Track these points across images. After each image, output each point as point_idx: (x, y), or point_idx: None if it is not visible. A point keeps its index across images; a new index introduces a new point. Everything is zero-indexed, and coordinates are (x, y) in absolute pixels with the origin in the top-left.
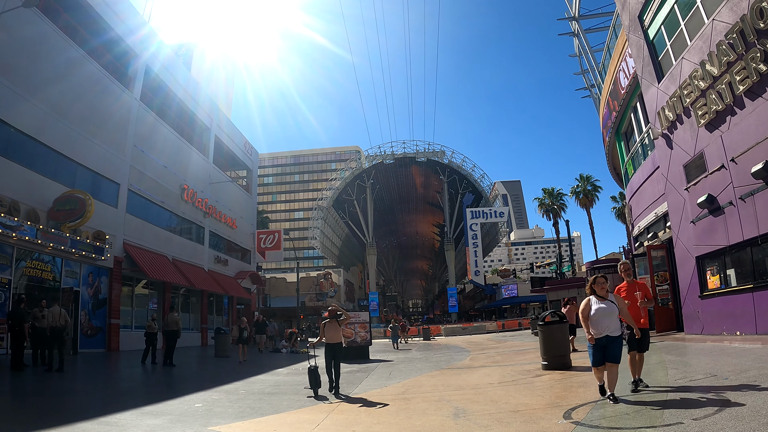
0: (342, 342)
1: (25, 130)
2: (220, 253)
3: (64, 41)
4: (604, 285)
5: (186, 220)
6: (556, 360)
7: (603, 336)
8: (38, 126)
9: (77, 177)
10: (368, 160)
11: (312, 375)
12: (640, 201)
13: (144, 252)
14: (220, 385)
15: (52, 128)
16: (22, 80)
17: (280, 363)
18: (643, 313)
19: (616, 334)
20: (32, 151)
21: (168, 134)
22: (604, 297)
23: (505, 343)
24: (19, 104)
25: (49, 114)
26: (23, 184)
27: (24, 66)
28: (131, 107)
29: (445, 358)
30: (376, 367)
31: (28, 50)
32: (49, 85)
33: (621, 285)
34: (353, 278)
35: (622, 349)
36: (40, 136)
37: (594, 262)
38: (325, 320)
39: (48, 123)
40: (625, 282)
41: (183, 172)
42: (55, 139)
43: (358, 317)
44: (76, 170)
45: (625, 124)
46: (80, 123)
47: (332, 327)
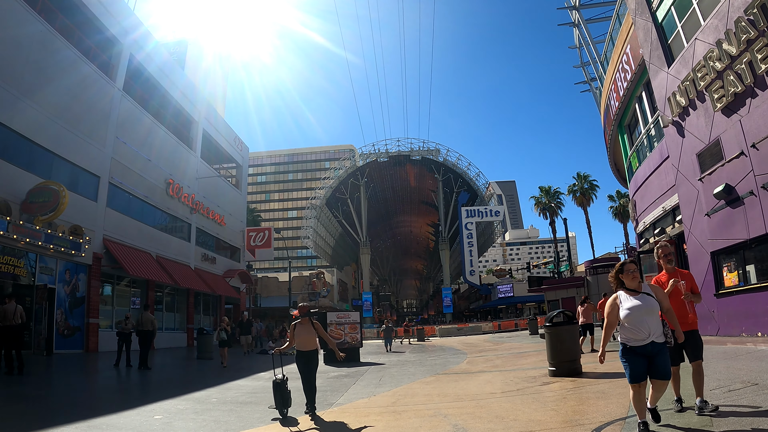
0: (318, 349)
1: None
2: (207, 251)
3: (41, 25)
4: (636, 274)
5: (171, 216)
6: (564, 365)
7: (648, 343)
8: (11, 114)
9: (54, 168)
10: (362, 158)
11: (278, 390)
12: (646, 195)
13: (125, 248)
14: (191, 392)
15: (26, 117)
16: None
17: (265, 366)
18: (690, 309)
19: (662, 339)
20: (4, 140)
21: (153, 126)
22: (637, 289)
23: (502, 344)
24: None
25: (23, 102)
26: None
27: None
28: (113, 97)
29: (440, 362)
30: (366, 372)
31: (1, 34)
32: (24, 71)
33: (660, 275)
34: (347, 278)
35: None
36: (13, 124)
37: (593, 261)
38: (295, 321)
39: (22, 111)
40: (664, 272)
41: (168, 166)
42: (30, 128)
43: (348, 317)
44: (53, 161)
45: (628, 116)
46: (57, 112)
47: (305, 330)
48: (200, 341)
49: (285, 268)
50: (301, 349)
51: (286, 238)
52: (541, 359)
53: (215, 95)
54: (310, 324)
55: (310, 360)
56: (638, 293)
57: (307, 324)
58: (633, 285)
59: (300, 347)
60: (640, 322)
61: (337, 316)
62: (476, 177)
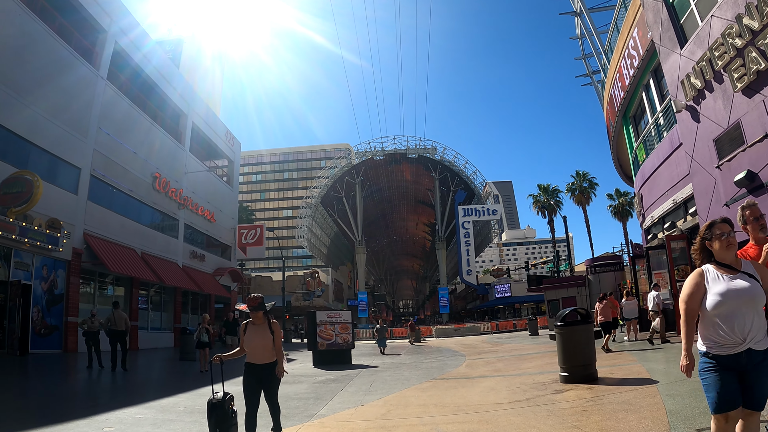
0: (278, 360)
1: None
2: (196, 248)
3: (19, 8)
4: (733, 240)
5: (158, 211)
6: (578, 370)
7: (744, 350)
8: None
9: (30, 159)
10: (358, 156)
11: (214, 414)
12: (654, 188)
13: (108, 244)
14: (160, 398)
15: (1, 104)
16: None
17: None
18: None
19: (764, 346)
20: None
21: (139, 118)
22: (735, 266)
23: (502, 345)
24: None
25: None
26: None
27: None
28: (96, 86)
29: (437, 365)
30: (357, 375)
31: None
32: (0, 56)
33: (746, 247)
34: (342, 277)
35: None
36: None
37: (594, 259)
38: (247, 321)
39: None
40: (752, 243)
41: (155, 159)
42: (4, 115)
43: (339, 317)
44: (30, 151)
45: (634, 107)
46: (34, 99)
47: (258, 333)
48: (183, 342)
49: (280, 267)
50: (252, 361)
51: (281, 237)
52: (547, 362)
53: (212, 93)
54: (267, 325)
55: (265, 378)
56: (736, 272)
57: (263, 325)
58: (729, 258)
59: (251, 358)
60: (736, 316)
61: (327, 315)
62: (473, 175)
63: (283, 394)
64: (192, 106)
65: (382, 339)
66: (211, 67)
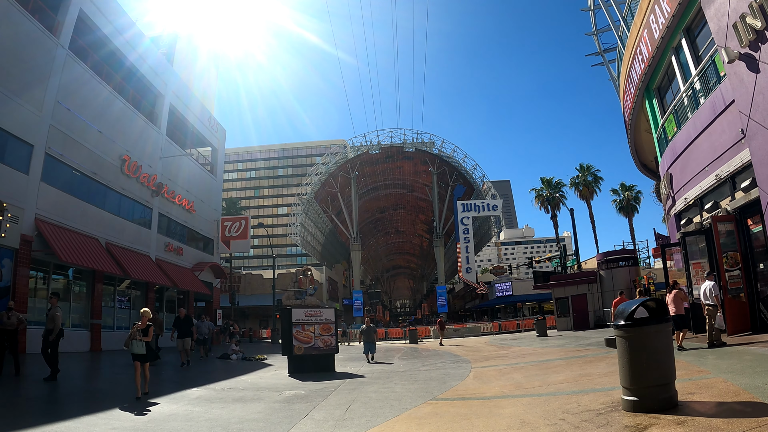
0: None
1: None
2: (172, 240)
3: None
4: None
5: (127, 198)
6: (653, 392)
7: None
8: None
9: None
10: (353, 150)
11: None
12: (689, 165)
13: (64, 231)
14: (61, 420)
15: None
16: None
17: (209, 377)
18: None
19: None
20: None
21: (106, 95)
22: None
23: (510, 349)
24: None
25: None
26: None
27: None
28: (56, 56)
29: (436, 375)
30: (335, 390)
31: None
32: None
33: None
34: (337, 276)
35: None
36: None
37: (606, 253)
38: None
39: None
40: None
41: (125, 140)
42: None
43: (320, 315)
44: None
45: (659, 76)
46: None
47: None
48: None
49: (272, 265)
50: None
51: (275, 235)
52: (580, 374)
53: (207, 90)
54: None
55: None
56: None
57: None
58: None
59: None
60: None
61: (305, 313)
62: (472, 170)
63: (224, 419)
64: (170, 86)
65: (369, 343)
66: (205, 64)
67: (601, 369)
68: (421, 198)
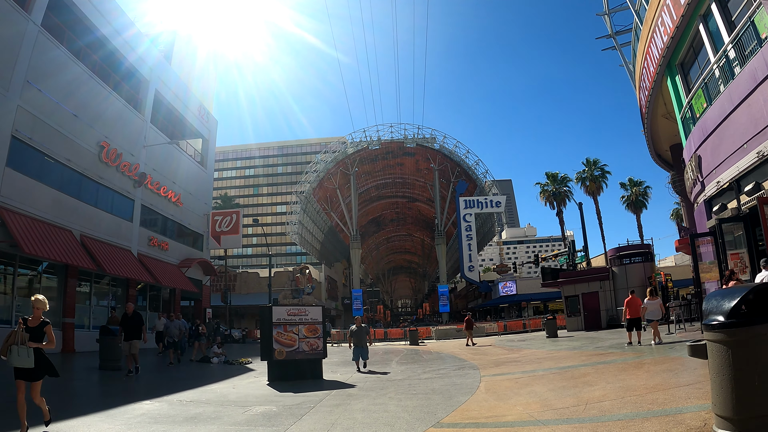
0: None
1: None
2: (156, 234)
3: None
4: None
5: (106, 187)
6: (759, 423)
7: None
8: None
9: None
10: (353, 146)
11: None
12: (722, 144)
13: (32, 222)
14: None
15: None
16: None
17: (173, 385)
18: None
19: None
20: None
21: (84, 77)
22: None
23: (521, 351)
24: None
25: None
26: None
27: None
28: (26, 32)
29: (440, 386)
30: (314, 407)
31: None
32: None
33: None
34: (337, 275)
35: None
36: None
37: (619, 249)
38: None
39: None
40: None
41: (103, 126)
42: None
43: (305, 315)
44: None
45: (683, 50)
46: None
47: None
48: (103, 344)
49: (272, 264)
50: None
51: (274, 234)
52: (622, 388)
53: (205, 88)
54: None
55: None
56: None
57: None
58: None
59: None
60: None
61: (289, 312)
62: (475, 165)
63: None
64: (156, 72)
65: (360, 348)
66: (204, 62)
67: (644, 380)
68: (422, 195)
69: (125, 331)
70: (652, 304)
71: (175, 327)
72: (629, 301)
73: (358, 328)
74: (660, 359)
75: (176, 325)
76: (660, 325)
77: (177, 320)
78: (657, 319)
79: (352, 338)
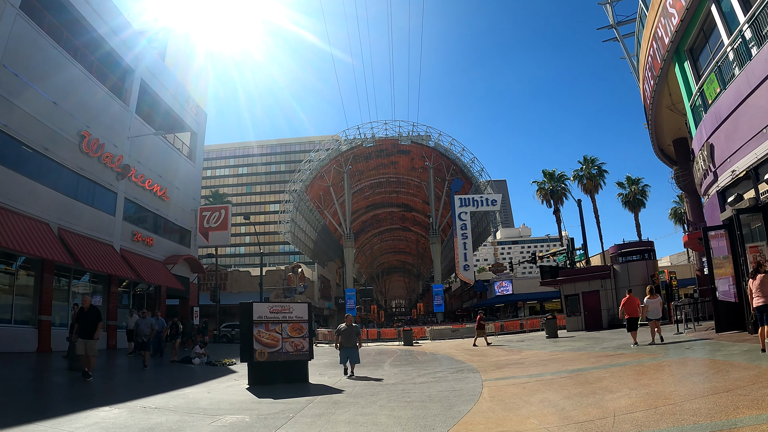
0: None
1: None
2: (140, 229)
3: None
4: None
5: (86, 179)
6: None
7: None
8: None
9: None
10: (347, 143)
11: None
12: (739, 128)
13: (5, 212)
14: None
15: None
16: None
17: (142, 388)
18: None
19: None
20: None
21: (64, 63)
22: None
23: (522, 353)
24: None
25: None
26: None
27: None
28: (3, 14)
29: (438, 390)
30: (293, 418)
31: None
32: None
33: None
34: (330, 274)
35: None
36: None
37: (620, 246)
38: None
39: None
40: None
41: (85, 115)
42: None
43: (289, 312)
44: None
45: (693, 34)
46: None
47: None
48: (71, 344)
49: (263, 263)
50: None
51: (267, 233)
52: (651, 394)
53: (199, 85)
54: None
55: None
56: None
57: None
58: None
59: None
60: None
61: (270, 309)
62: (470, 163)
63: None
64: (143, 61)
65: (349, 349)
66: (198, 58)
67: (672, 385)
68: (416, 194)
69: (79, 327)
70: (652, 303)
71: (145, 325)
72: (627, 301)
73: (347, 326)
74: (679, 361)
75: (147, 323)
76: (665, 324)
77: (149, 317)
78: (657, 318)
79: (339, 338)
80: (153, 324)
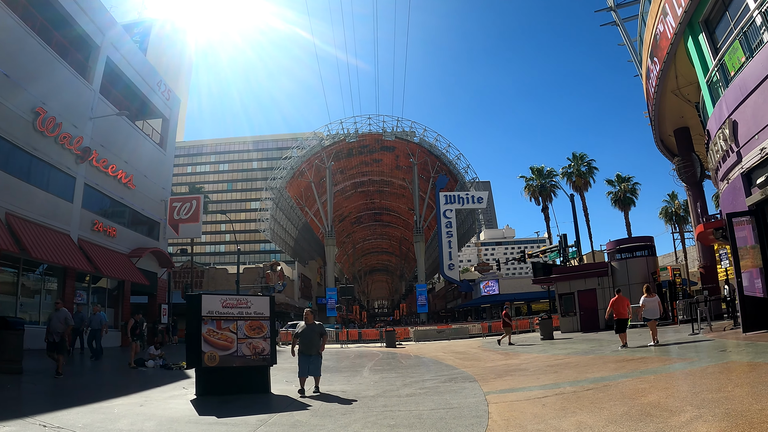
0: None
1: None
2: (101, 218)
3: None
4: None
5: (40, 160)
6: None
7: None
8: None
9: None
10: (329, 138)
11: None
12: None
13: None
14: None
15: None
16: None
17: (57, 400)
18: None
19: None
20: None
21: (18, 32)
22: None
23: (520, 356)
24: None
25: None
26: None
27: None
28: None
29: (429, 409)
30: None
31: None
32: None
33: None
34: (311, 274)
35: None
36: None
37: (619, 242)
38: None
39: None
40: None
41: (41, 90)
42: None
43: (244, 306)
44: None
45: (710, 3)
46: None
47: None
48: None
49: (242, 261)
50: None
51: (248, 231)
52: (733, 413)
53: (180, 76)
54: None
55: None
56: None
57: None
58: None
59: None
60: None
61: (224, 303)
62: (456, 160)
63: None
64: (109, 38)
65: (310, 357)
66: (179, 47)
67: (751, 400)
68: (401, 194)
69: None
70: (650, 302)
71: (58, 320)
72: (615, 301)
73: (307, 326)
74: (724, 366)
75: (60, 317)
76: (670, 325)
77: (63, 310)
78: (655, 318)
79: (296, 340)
80: (67, 318)
